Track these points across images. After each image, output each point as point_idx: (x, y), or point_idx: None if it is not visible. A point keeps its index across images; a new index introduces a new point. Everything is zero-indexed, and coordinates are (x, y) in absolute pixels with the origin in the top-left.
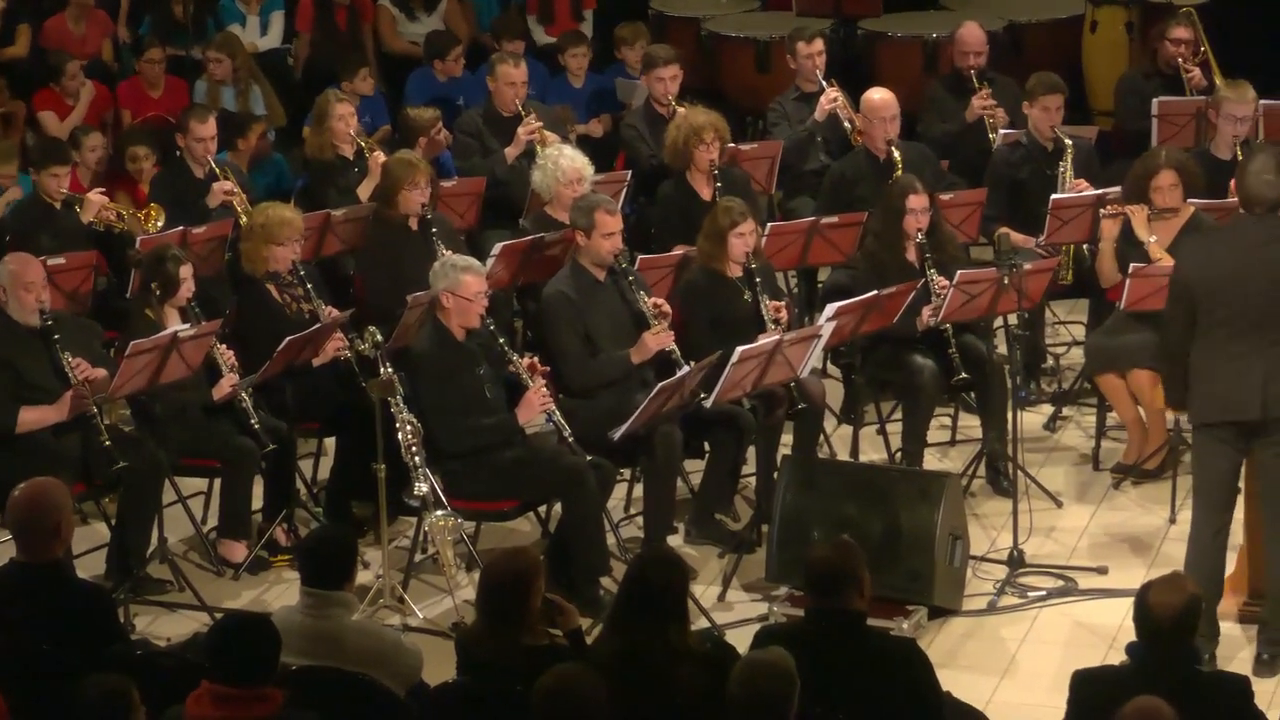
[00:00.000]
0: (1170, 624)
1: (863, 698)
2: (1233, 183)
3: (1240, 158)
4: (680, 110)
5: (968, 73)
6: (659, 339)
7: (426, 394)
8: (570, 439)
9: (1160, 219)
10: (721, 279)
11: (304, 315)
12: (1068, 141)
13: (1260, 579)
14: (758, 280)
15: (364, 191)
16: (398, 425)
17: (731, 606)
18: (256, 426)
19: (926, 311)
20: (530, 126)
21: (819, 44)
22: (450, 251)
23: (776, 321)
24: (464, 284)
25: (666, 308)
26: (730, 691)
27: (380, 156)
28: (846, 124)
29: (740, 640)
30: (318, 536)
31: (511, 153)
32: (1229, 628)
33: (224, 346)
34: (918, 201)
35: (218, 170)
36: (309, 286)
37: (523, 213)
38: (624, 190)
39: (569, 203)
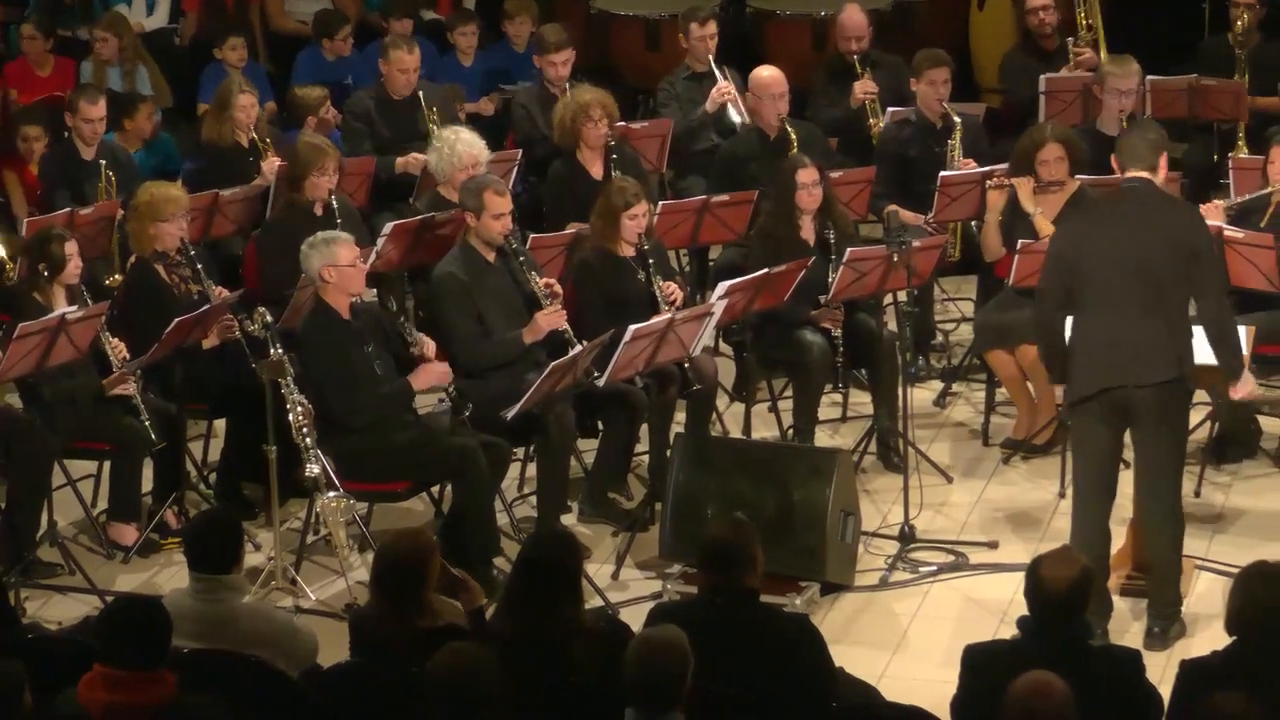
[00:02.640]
0: (1061, 597)
1: (756, 674)
2: (1113, 158)
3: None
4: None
5: (850, 58)
6: (551, 318)
7: (319, 372)
8: (465, 417)
9: (1045, 193)
10: (614, 259)
11: (192, 296)
12: (956, 119)
13: (1144, 553)
14: (650, 261)
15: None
16: (288, 406)
17: (625, 585)
18: (146, 422)
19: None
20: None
21: (712, 26)
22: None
23: (670, 303)
24: (338, 254)
25: (558, 288)
26: (625, 669)
27: (275, 162)
28: (737, 117)
29: (634, 618)
30: (202, 521)
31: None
32: (1118, 602)
33: (115, 340)
34: (808, 176)
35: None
36: (199, 267)
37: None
38: (514, 169)
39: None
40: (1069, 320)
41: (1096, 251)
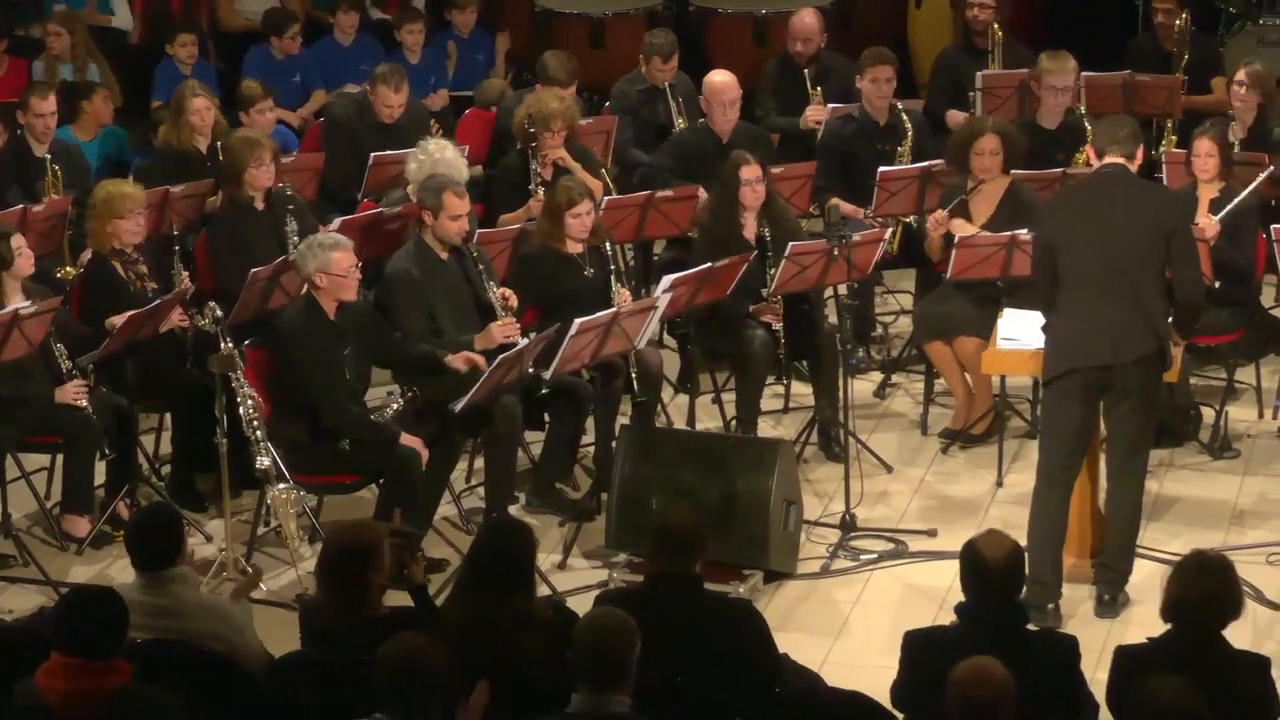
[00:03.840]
0: (997, 576)
1: (701, 660)
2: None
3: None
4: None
5: (800, 59)
6: (504, 330)
7: (295, 367)
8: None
9: (978, 192)
10: (560, 255)
11: (147, 293)
12: (909, 126)
13: (1096, 540)
14: (611, 256)
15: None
16: (239, 400)
17: (572, 573)
18: (90, 414)
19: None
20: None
21: (674, 62)
22: (295, 226)
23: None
24: (334, 261)
25: (514, 300)
26: (573, 648)
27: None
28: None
29: (581, 606)
30: (137, 521)
31: None
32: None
33: (62, 348)
34: (751, 173)
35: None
36: (176, 258)
37: None
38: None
39: None
40: None
41: (1076, 236)
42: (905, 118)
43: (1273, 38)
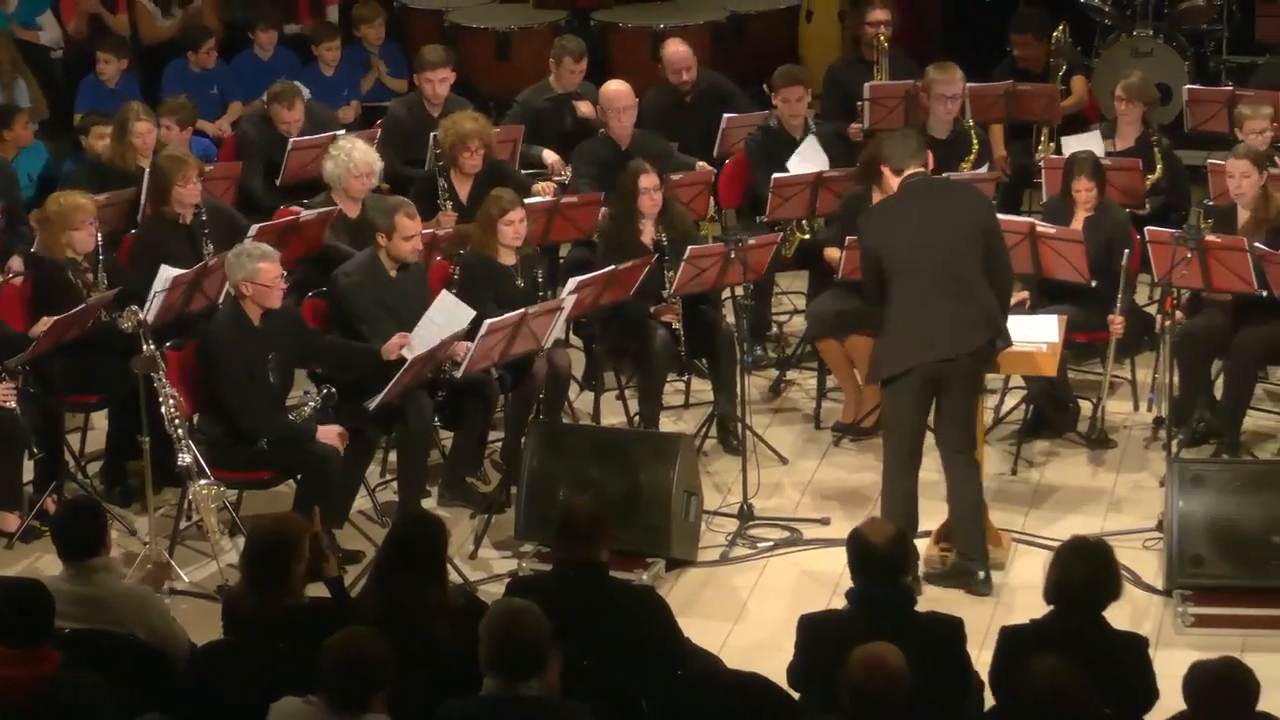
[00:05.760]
0: (884, 558)
1: (607, 644)
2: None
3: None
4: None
5: (684, 88)
6: (399, 342)
7: (221, 375)
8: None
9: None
10: (493, 265)
11: None
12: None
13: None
14: (537, 271)
15: None
16: (161, 399)
17: (483, 564)
18: (18, 414)
19: None
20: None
21: (584, 65)
22: (211, 243)
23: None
24: (261, 271)
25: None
26: (483, 638)
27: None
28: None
29: (492, 595)
30: (62, 514)
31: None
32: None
33: None
34: (649, 181)
35: None
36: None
37: None
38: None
39: (356, 192)
40: None
41: (898, 242)
42: (817, 140)
43: (1145, 48)
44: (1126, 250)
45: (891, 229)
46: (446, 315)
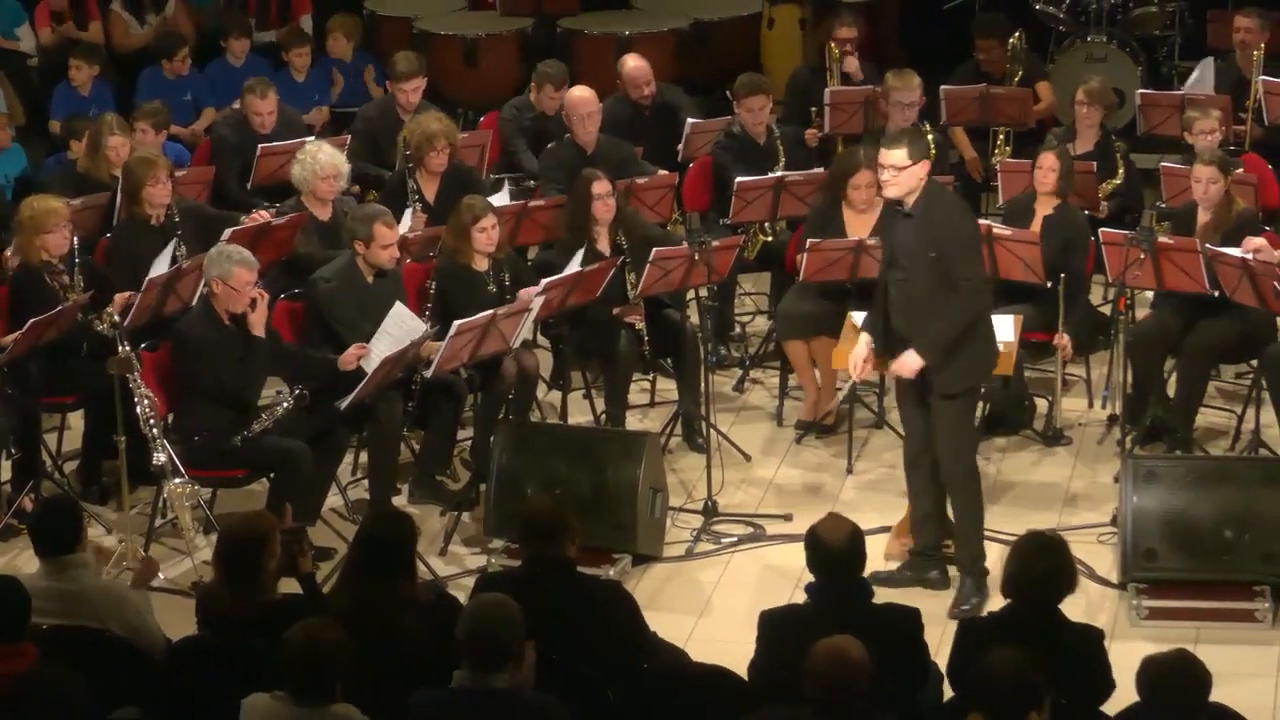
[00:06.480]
0: (841, 554)
1: (575, 637)
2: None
3: None
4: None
5: (643, 100)
6: (356, 353)
7: (187, 372)
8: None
9: (857, 214)
10: (467, 270)
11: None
12: (782, 151)
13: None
14: (504, 275)
15: None
16: (136, 400)
17: (453, 559)
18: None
19: None
20: None
21: (565, 92)
22: (185, 244)
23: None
24: (235, 274)
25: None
26: (459, 630)
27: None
28: None
29: (462, 591)
30: (39, 511)
31: None
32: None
33: None
34: (602, 188)
35: None
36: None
37: None
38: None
39: (324, 194)
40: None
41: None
42: (780, 145)
43: (1099, 54)
44: (1049, 284)
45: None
46: (400, 327)
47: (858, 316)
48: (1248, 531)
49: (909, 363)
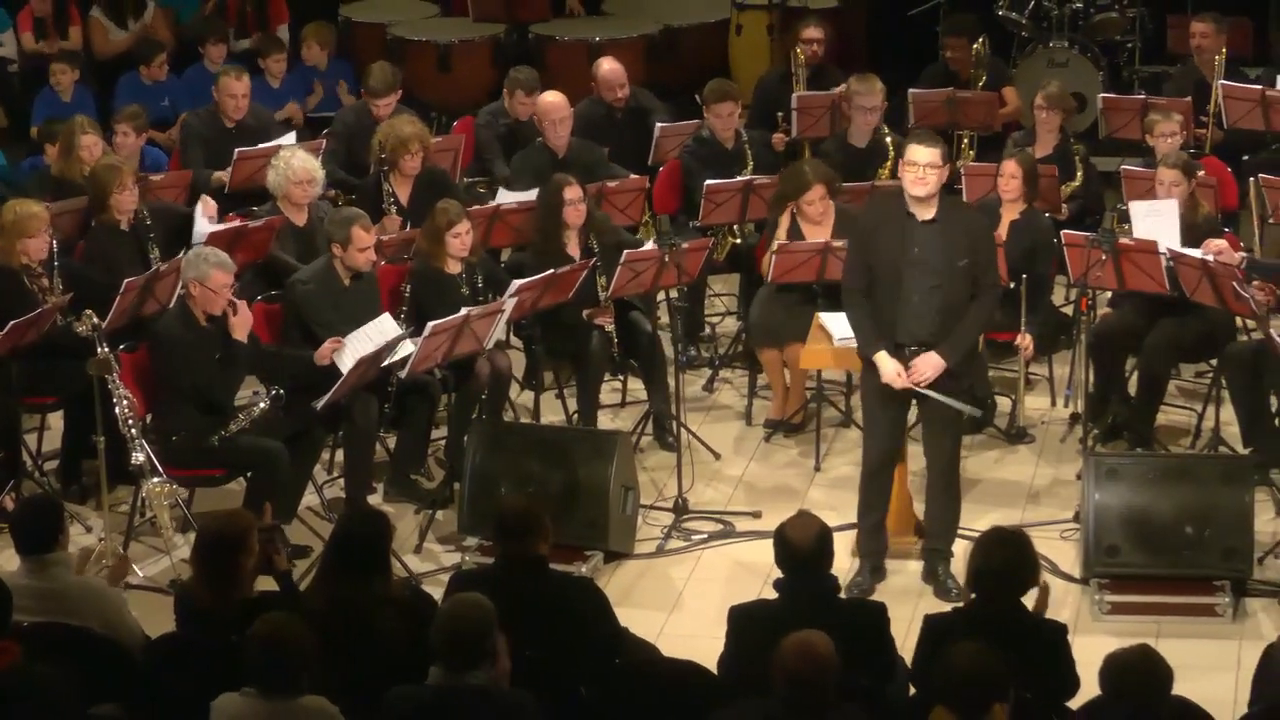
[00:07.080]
0: (808, 553)
1: (548, 633)
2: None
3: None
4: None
5: (616, 103)
6: (330, 346)
7: (164, 372)
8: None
9: (814, 225)
10: (440, 274)
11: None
12: (750, 155)
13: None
14: (477, 277)
15: None
16: (115, 400)
17: (428, 557)
18: None
19: None
20: None
21: (536, 97)
22: (157, 249)
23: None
24: (211, 277)
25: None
26: (434, 628)
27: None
28: None
29: (437, 588)
30: (20, 510)
31: None
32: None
33: None
34: (573, 194)
35: None
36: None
37: None
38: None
39: (298, 199)
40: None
41: None
42: (748, 149)
43: (1061, 59)
44: (1013, 284)
45: None
46: (380, 333)
47: (825, 317)
48: (1208, 527)
49: (933, 364)
